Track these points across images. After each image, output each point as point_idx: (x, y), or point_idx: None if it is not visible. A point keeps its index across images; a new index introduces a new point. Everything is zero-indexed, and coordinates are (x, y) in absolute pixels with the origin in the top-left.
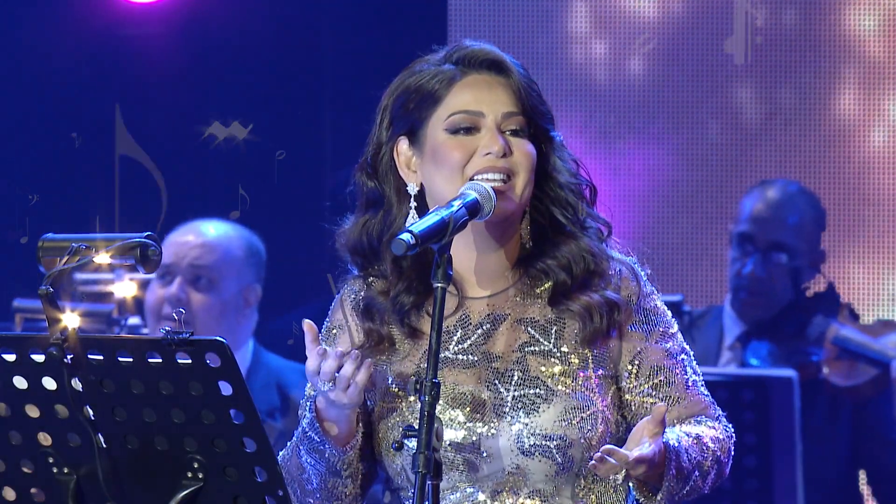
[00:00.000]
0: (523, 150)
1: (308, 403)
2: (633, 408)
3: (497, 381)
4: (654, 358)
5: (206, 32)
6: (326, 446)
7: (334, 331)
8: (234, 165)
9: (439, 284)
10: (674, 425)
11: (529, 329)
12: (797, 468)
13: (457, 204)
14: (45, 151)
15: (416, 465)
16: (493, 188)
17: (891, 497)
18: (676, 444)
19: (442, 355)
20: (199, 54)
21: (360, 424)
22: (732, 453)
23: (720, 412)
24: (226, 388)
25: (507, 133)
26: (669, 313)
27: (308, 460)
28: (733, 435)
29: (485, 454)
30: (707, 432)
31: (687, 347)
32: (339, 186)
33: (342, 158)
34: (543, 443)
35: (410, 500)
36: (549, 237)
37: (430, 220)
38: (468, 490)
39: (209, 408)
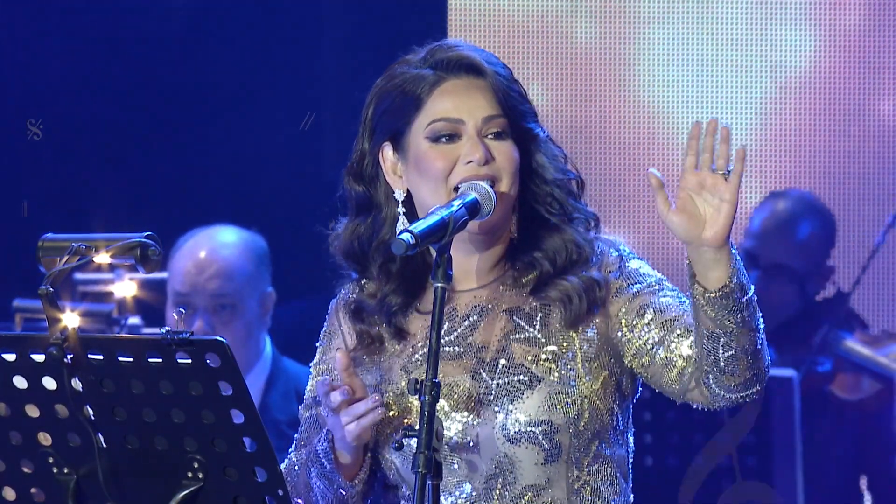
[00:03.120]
0: (505, 154)
1: (325, 432)
2: (637, 345)
3: (482, 371)
4: (641, 301)
5: (206, 32)
6: (337, 478)
7: (330, 334)
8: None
9: (439, 284)
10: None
11: (515, 318)
12: (797, 468)
13: (457, 204)
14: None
15: (416, 465)
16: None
17: (892, 502)
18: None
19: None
20: (198, 54)
21: (368, 456)
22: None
23: None
24: (226, 388)
25: (490, 137)
26: (656, 273)
27: (318, 483)
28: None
29: (472, 444)
30: None
31: (677, 289)
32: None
33: (342, 158)
34: (529, 429)
35: (406, 501)
36: (536, 229)
37: (431, 220)
38: (460, 481)
39: (209, 408)
